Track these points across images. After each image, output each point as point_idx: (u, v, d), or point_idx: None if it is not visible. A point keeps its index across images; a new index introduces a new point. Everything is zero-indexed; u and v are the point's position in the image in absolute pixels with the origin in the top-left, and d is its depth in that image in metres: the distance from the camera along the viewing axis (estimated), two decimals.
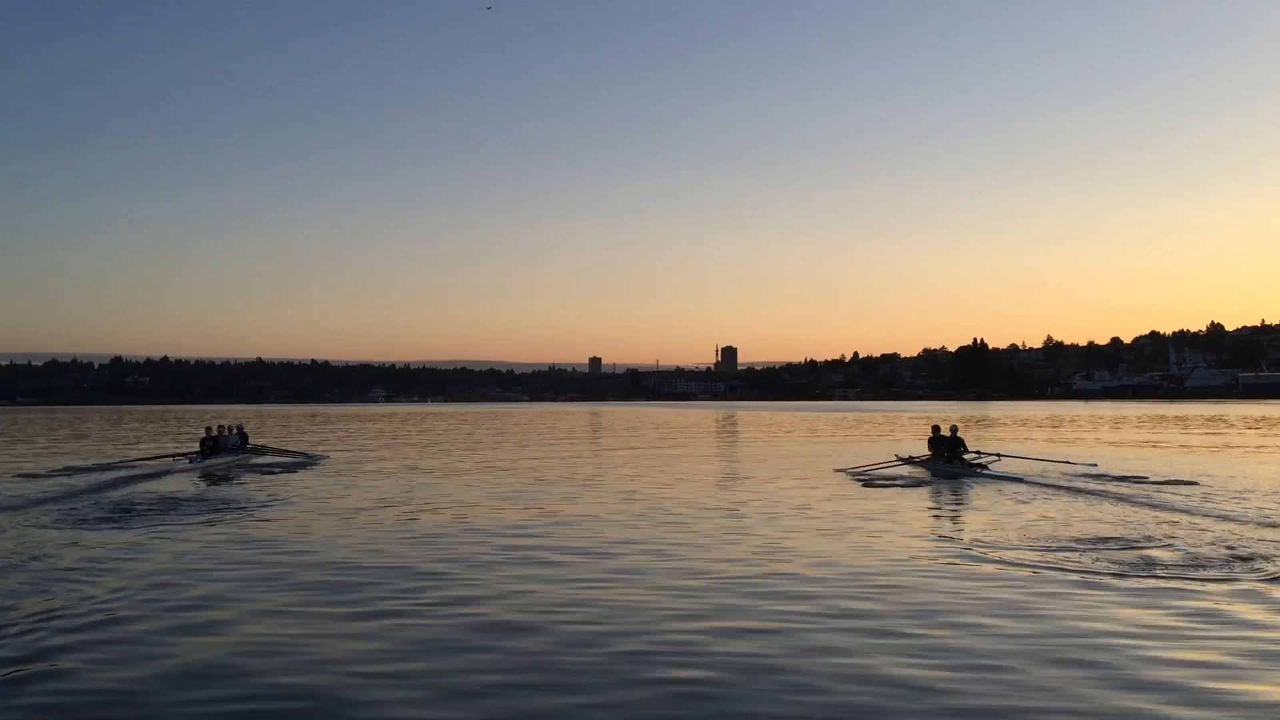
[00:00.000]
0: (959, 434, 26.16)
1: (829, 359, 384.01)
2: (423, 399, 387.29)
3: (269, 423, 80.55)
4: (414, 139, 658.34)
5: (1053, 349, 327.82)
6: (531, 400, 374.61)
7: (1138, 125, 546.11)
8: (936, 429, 27.18)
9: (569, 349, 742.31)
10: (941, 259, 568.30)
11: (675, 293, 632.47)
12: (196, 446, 29.92)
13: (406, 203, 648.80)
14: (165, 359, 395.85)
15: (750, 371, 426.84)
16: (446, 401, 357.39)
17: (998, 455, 25.36)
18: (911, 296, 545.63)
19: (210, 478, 25.19)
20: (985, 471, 23.82)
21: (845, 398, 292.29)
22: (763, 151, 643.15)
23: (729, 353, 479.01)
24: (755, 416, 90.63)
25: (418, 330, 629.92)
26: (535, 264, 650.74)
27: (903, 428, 59.44)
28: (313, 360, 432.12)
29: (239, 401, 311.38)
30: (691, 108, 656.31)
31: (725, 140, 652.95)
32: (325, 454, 34.27)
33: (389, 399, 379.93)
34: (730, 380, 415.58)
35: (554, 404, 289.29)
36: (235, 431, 31.03)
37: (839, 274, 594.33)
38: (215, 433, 29.75)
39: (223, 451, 29.11)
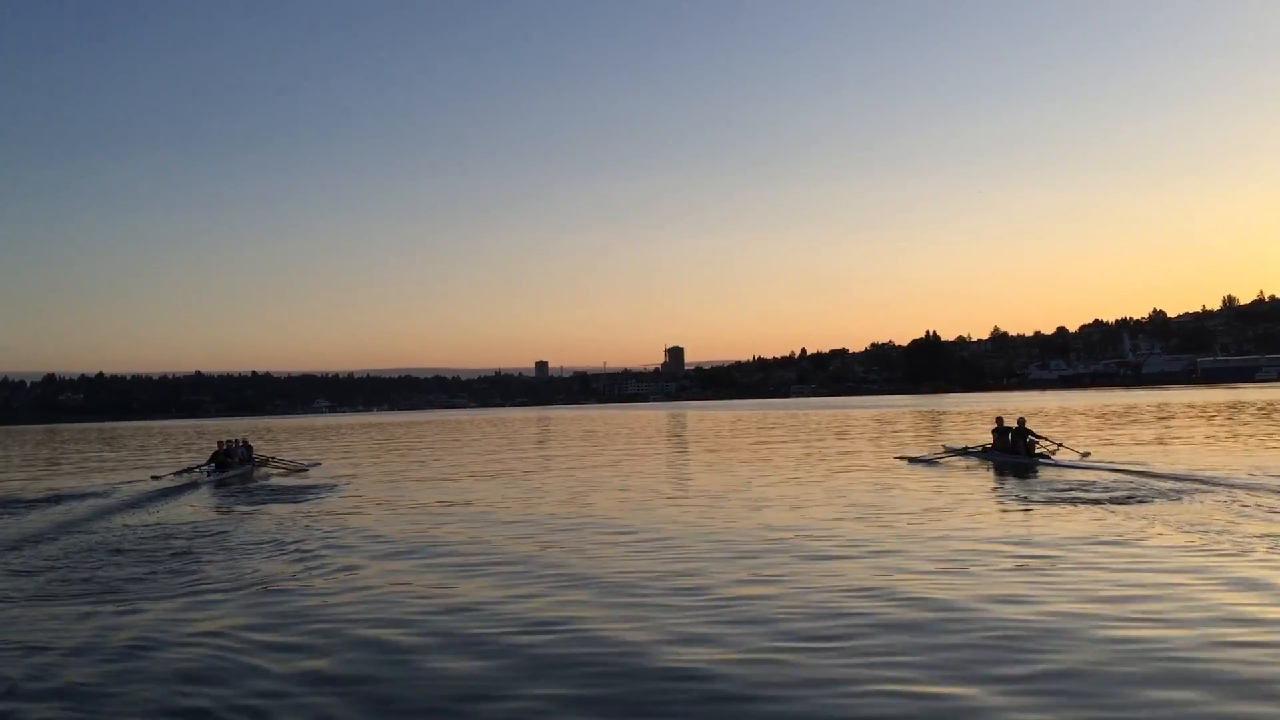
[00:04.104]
0: (1025, 425, 25.64)
1: (777, 356, 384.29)
2: (367, 408, 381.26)
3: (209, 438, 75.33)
4: (353, 153, 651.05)
5: (1001, 339, 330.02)
6: (478, 406, 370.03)
7: (1079, 125, 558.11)
8: (1000, 420, 26.73)
9: (515, 353, 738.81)
10: (885, 254, 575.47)
11: (620, 294, 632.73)
12: (208, 459, 29.49)
13: (347, 213, 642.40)
14: (100, 375, 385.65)
15: (700, 371, 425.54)
16: (391, 410, 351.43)
17: (1059, 445, 25.12)
18: (855, 292, 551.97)
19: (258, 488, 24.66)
20: (1050, 461, 23.55)
21: (800, 394, 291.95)
22: (706, 154, 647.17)
23: (676, 353, 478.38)
24: (740, 416, 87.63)
25: (361, 339, 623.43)
26: (479, 269, 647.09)
27: (926, 423, 57.30)
28: (253, 372, 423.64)
29: (177, 416, 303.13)
30: (636, 113, 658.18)
31: (669, 144, 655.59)
32: (320, 462, 34.20)
33: (332, 409, 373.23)
34: (681, 380, 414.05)
35: (502, 409, 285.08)
36: (241, 444, 31.18)
37: (782, 272, 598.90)
38: (225, 446, 29.79)
39: (233, 464, 29.02)
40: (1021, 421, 25.54)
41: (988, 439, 27.23)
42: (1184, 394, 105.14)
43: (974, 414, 66.95)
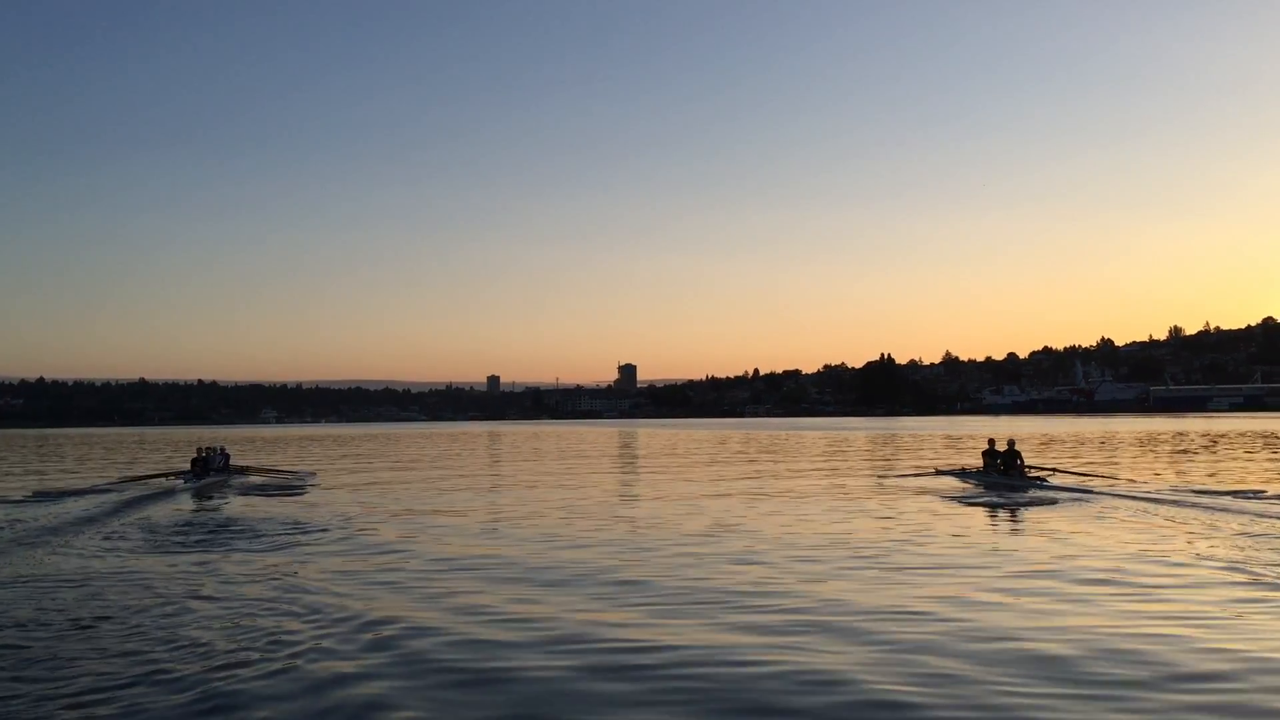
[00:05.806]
0: (1015, 447, 25.73)
1: (729, 376, 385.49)
2: (316, 420, 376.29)
3: (150, 447, 71.10)
4: (305, 163, 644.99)
5: (953, 364, 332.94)
6: (429, 420, 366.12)
7: (1029, 155, 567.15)
8: (991, 443, 26.56)
9: (467, 367, 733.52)
10: (838, 277, 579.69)
11: (574, 311, 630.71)
12: (188, 466, 29.25)
13: (298, 223, 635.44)
14: (41, 380, 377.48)
15: (654, 388, 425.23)
16: (341, 422, 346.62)
17: (1054, 470, 25.68)
18: (808, 313, 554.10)
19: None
20: (1047, 485, 23.55)
21: (755, 414, 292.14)
22: (662, 174, 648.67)
23: (628, 370, 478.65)
24: (724, 435, 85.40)
25: (310, 349, 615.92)
26: (432, 282, 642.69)
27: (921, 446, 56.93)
28: (199, 381, 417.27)
29: (120, 424, 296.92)
30: (592, 133, 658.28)
31: (625, 163, 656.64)
32: (313, 472, 33.25)
33: (280, 420, 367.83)
34: (634, 398, 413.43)
35: (454, 424, 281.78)
36: (220, 452, 30.60)
37: (735, 293, 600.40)
38: (204, 454, 29.46)
39: (211, 471, 28.81)
40: (1011, 444, 25.51)
41: (978, 460, 26.83)
42: (1151, 422, 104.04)
43: (961, 437, 66.83)
